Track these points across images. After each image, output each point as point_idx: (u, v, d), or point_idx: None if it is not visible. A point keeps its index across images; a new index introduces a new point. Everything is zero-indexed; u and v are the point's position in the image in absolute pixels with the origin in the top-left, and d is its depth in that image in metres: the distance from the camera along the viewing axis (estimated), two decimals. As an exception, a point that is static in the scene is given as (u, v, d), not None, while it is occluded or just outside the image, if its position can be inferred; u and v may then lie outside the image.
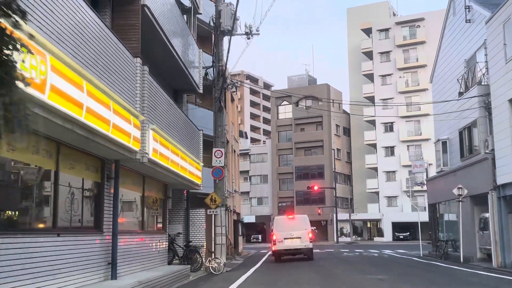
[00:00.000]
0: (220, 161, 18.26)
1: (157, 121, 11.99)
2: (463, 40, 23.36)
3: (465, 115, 21.65)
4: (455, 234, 24.29)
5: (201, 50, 18.78)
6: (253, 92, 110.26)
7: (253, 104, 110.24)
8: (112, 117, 8.58)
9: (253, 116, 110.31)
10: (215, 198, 18.19)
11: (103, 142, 8.64)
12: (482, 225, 21.00)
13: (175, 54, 15.22)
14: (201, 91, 18.28)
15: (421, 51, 60.50)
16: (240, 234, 33.93)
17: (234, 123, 34.29)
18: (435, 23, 59.60)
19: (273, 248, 23.26)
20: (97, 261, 9.84)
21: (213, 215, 18.28)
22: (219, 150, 18.35)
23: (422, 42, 60.65)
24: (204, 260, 17.92)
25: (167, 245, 15.74)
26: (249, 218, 66.48)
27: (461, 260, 21.18)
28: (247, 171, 69.12)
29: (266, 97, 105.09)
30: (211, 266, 17.40)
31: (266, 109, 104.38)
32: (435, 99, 27.56)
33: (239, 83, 18.47)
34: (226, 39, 18.76)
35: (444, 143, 25.95)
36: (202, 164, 18.04)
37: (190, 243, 17.95)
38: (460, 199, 21.37)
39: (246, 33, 18.45)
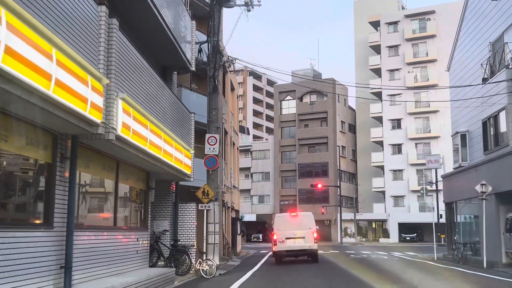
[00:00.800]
0: (214, 148, 15.98)
1: (132, 91, 9.71)
2: (488, 20, 21.02)
3: (491, 103, 19.32)
4: (475, 236, 21.96)
5: (194, 23, 16.47)
6: (256, 88, 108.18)
7: (256, 101, 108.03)
8: (55, 70, 6.29)
9: (256, 113, 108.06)
10: (207, 191, 15.91)
11: (43, 105, 6.36)
12: (508, 226, 18.69)
13: (163, 23, 12.95)
14: (193, 68, 15.98)
15: (431, 45, 58.07)
16: (238, 233, 31.67)
17: (234, 114, 32.01)
18: (446, 16, 57.24)
19: (274, 249, 20.98)
20: (46, 264, 7.58)
21: (205, 211, 15.98)
22: (213, 137, 16.06)
23: (432, 36, 58.22)
24: (194, 262, 15.63)
25: (149, 244, 13.46)
26: (250, 217, 64.25)
27: (484, 265, 18.87)
28: (249, 168, 66.87)
29: (269, 94, 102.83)
30: (202, 269, 15.12)
31: (269, 107, 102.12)
32: (453, 89, 25.19)
33: (236, 60, 16.09)
34: (225, 16, 16.52)
35: (463, 136, 23.63)
36: (193, 152, 15.74)
37: (178, 242, 15.67)
38: (484, 197, 19.04)
39: (246, 4, 16.16)
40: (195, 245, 16.31)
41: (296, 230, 20.64)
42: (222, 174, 24.74)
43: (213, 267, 15.26)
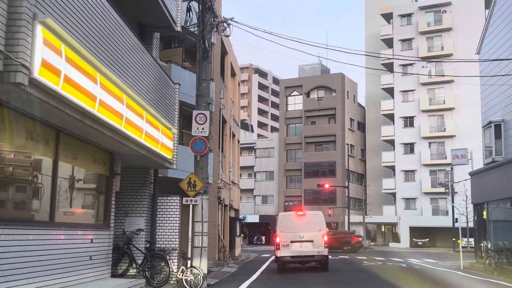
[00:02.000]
0: (203, 129, 12.80)
1: (79, 33, 6.56)
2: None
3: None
4: (513, 242, 18.71)
5: (181, -27, 13.31)
6: (261, 87, 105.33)
7: (261, 99, 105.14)
8: None
9: (261, 112, 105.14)
10: (194, 181, 12.72)
11: None
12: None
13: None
14: (178, 28, 12.80)
15: (447, 39, 54.73)
16: (237, 234, 28.48)
17: (235, 102, 28.84)
18: (463, 7, 53.97)
19: (277, 254, 17.76)
20: None
21: (191, 206, 12.80)
22: (202, 114, 12.88)
23: (448, 29, 54.88)
24: (175, 270, 12.46)
25: (111, 247, 10.28)
26: (253, 218, 61.09)
27: (529, 277, 15.64)
28: (252, 167, 63.71)
29: (275, 93, 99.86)
30: (185, 279, 11.95)
31: (275, 105, 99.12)
32: (485, 72, 21.92)
33: (231, 21, 12.89)
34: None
35: (498, 127, 20.36)
36: (176, 132, 12.58)
37: (156, 245, 12.51)
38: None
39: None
40: (178, 248, 13.11)
41: (303, 232, 17.44)
42: (219, 167, 21.62)
43: (199, 276, 12.09)
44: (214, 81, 21.05)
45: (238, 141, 30.77)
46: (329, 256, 18.97)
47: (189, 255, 12.70)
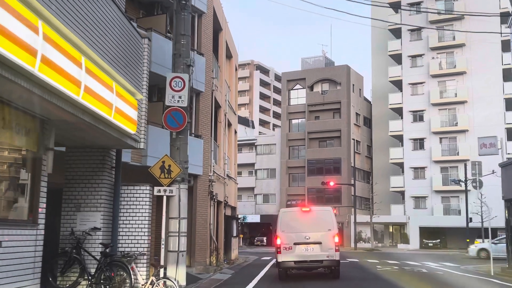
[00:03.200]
0: (179, 97, 9.84)
1: None
2: None
3: None
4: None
5: None
6: (263, 84, 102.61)
7: (263, 96, 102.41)
8: None
9: (263, 110, 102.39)
10: (169, 166, 9.78)
11: None
12: None
13: None
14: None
15: (459, 28, 51.50)
16: (234, 234, 25.49)
17: (231, 87, 25.85)
18: (476, -6, 50.83)
19: (277, 259, 14.75)
20: None
21: (164, 198, 9.81)
22: (178, 77, 9.89)
23: (460, 18, 51.70)
24: (143, 282, 9.47)
25: (39, 253, 7.27)
26: (253, 218, 58.13)
27: None
28: (253, 164, 60.72)
29: (277, 90, 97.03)
30: (155, 294, 8.96)
31: (277, 103, 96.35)
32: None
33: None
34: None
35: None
36: (144, 100, 9.58)
37: (113, 248, 9.52)
38: None
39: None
40: (148, 253, 10.11)
41: (309, 232, 14.44)
42: (211, 156, 18.67)
43: (174, 290, 9.10)
44: (205, 57, 18.09)
45: (236, 132, 27.77)
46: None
47: (163, 262, 9.70)
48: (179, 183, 9.83)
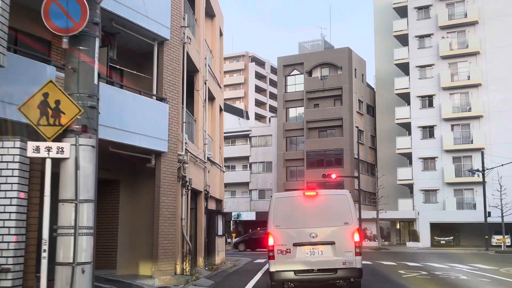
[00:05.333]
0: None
1: None
2: None
3: None
4: None
5: None
6: (258, 76, 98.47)
7: (259, 90, 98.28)
8: None
9: (258, 104, 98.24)
10: (58, 102, 5.02)
11: None
12: None
13: None
14: None
15: (471, 4, 46.90)
16: (220, 233, 20.81)
17: (214, 52, 21.13)
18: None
19: (270, 268, 10.02)
20: None
21: (47, 163, 5.12)
22: None
23: (472, -7, 47.10)
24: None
25: None
26: (248, 215, 53.46)
27: None
28: (247, 157, 56.06)
29: (273, 83, 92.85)
30: None
31: (273, 96, 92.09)
32: None
33: None
34: None
35: None
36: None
37: None
38: None
39: None
40: (15, 267, 5.34)
41: (316, 226, 9.81)
42: (181, 129, 14.03)
43: None
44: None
45: (221, 109, 23.05)
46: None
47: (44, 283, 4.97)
48: (76, 135, 5.20)
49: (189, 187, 14.76)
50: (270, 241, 9.92)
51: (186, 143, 14.61)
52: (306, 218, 10.02)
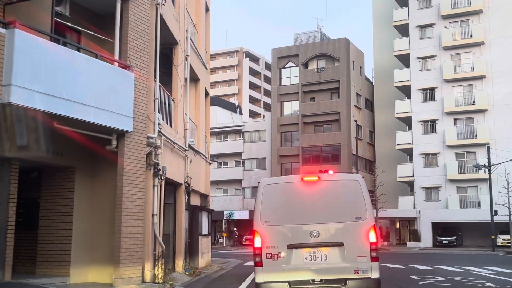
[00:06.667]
0: None
1: None
2: None
3: None
4: None
5: None
6: (253, 73, 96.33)
7: (253, 86, 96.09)
8: None
9: (253, 100, 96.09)
10: None
11: None
12: None
13: None
14: None
15: (475, -8, 44.63)
16: (205, 233, 18.34)
17: (199, 27, 18.68)
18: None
19: (256, 278, 7.54)
20: None
21: None
22: None
23: (476, -19, 44.81)
24: None
25: None
26: (241, 214, 50.98)
27: None
28: (240, 153, 53.62)
29: (268, 80, 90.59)
30: None
31: (268, 93, 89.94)
32: None
33: None
34: None
35: None
36: None
37: None
38: None
39: None
40: None
41: (318, 222, 7.39)
42: (154, 106, 11.62)
43: None
44: None
45: (208, 94, 20.57)
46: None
47: None
48: None
49: (162, 177, 12.28)
50: (257, 242, 7.48)
51: (159, 124, 12.14)
52: (305, 211, 7.56)
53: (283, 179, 8.72)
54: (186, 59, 15.63)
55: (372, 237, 7.35)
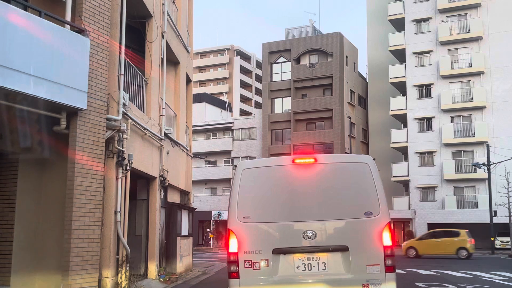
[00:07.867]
0: None
1: None
2: None
3: None
4: None
5: None
6: (244, 71, 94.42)
7: (244, 85, 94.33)
8: None
9: (244, 99, 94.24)
10: None
11: None
12: None
13: None
14: None
15: (474, -16, 43.11)
16: (185, 234, 16.45)
17: (179, 4, 16.79)
18: None
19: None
20: None
21: None
22: None
23: (475, -27, 43.28)
24: None
25: None
26: (230, 214, 48.97)
27: None
28: (229, 152, 51.71)
29: (259, 78, 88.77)
30: None
31: (259, 92, 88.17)
32: None
33: None
34: None
35: None
36: None
37: None
38: None
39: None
40: None
41: (314, 219, 5.51)
42: (117, 84, 9.64)
43: None
44: None
45: (190, 81, 18.68)
46: None
47: None
48: None
49: (127, 167, 10.38)
50: (232, 246, 5.63)
51: (125, 105, 10.24)
52: (297, 204, 5.70)
53: (267, 162, 6.58)
54: (163, 36, 13.75)
55: (387, 239, 5.51)
